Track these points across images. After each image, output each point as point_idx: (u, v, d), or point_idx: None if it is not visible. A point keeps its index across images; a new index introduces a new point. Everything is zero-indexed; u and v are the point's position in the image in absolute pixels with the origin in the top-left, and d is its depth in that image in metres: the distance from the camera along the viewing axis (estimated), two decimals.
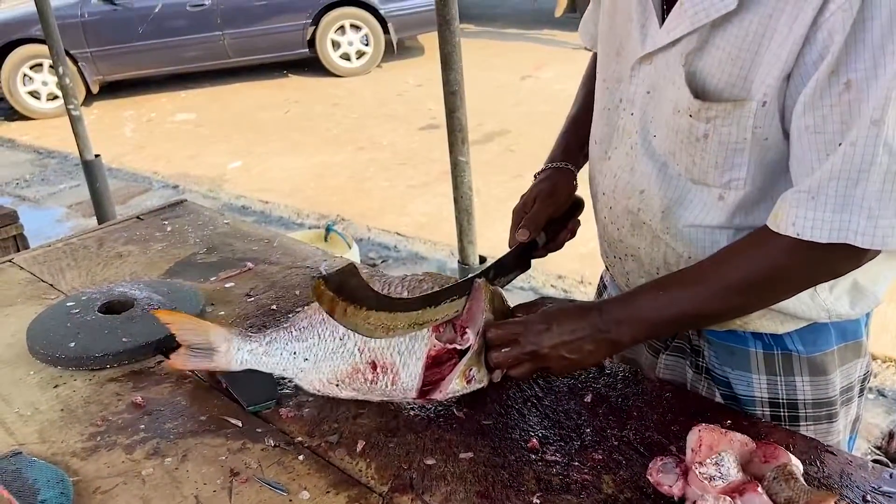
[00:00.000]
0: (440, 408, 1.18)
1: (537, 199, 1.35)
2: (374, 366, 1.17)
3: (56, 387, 1.31)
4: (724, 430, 0.98)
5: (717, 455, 0.93)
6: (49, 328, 1.44)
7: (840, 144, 0.95)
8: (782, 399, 1.21)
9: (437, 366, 1.17)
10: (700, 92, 1.05)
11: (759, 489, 0.90)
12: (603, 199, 1.26)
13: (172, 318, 1.28)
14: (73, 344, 1.37)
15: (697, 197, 1.12)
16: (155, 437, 1.16)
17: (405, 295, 1.21)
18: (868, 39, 0.91)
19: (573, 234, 1.41)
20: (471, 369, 1.13)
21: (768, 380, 1.21)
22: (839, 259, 1.01)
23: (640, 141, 1.17)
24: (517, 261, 1.35)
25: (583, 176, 1.39)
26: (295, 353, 1.23)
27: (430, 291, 1.20)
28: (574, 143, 1.43)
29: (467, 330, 1.17)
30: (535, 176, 1.43)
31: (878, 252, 1.00)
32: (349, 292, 1.12)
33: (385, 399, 1.19)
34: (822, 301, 1.14)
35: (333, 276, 1.11)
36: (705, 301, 1.08)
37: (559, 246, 1.40)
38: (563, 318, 1.11)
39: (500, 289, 1.26)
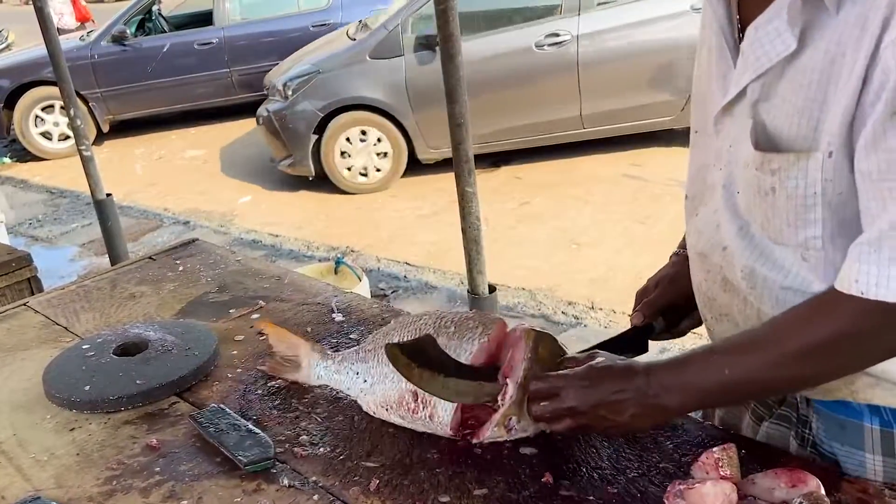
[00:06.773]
0: (453, 443, 1.19)
1: (659, 283, 1.33)
2: (415, 395, 1.19)
3: (72, 430, 1.32)
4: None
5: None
6: (65, 372, 1.45)
7: None
8: None
9: (477, 407, 1.17)
10: (771, 144, 0.99)
11: None
12: (695, 257, 1.20)
13: (273, 330, 1.43)
14: (88, 387, 1.39)
15: (781, 257, 1.04)
16: (170, 480, 1.17)
17: (451, 330, 1.21)
18: None
19: (700, 324, 1.30)
20: (510, 419, 1.13)
21: (884, 461, 1.05)
22: None
23: (725, 196, 1.10)
24: (630, 343, 1.33)
25: None
26: (357, 373, 1.30)
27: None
28: None
29: (507, 379, 1.15)
30: (670, 257, 1.38)
31: None
32: (425, 359, 1.13)
33: (427, 431, 1.20)
34: None
35: (407, 344, 1.15)
36: (760, 369, 0.99)
37: (681, 333, 1.36)
38: (608, 378, 1.05)
39: (551, 335, 1.20)
